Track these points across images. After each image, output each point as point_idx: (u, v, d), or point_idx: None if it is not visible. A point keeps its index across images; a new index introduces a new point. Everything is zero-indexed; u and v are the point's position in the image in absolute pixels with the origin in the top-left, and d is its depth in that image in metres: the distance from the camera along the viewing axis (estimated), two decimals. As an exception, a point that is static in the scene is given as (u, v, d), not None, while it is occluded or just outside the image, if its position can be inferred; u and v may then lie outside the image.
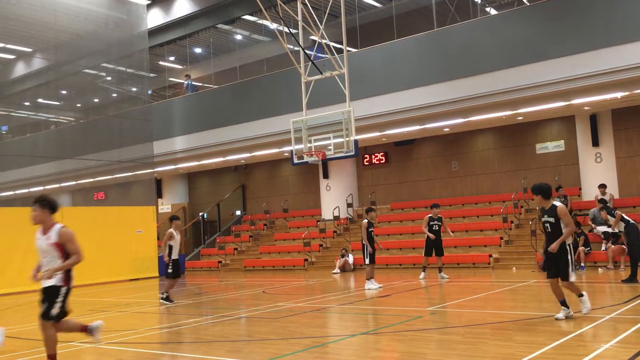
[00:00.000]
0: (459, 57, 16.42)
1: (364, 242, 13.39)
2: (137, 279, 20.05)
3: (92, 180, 26.17)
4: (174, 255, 12.51)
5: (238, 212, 26.93)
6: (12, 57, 27.95)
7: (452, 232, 15.53)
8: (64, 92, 29.99)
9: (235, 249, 23.70)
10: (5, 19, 22.48)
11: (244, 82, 21.60)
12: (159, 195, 28.19)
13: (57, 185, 27.84)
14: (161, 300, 12.59)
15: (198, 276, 21.17)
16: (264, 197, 25.81)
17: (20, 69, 28.20)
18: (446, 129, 19.60)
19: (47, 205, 6.23)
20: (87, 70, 26.85)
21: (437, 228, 14.80)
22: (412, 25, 19.30)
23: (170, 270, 12.55)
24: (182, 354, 7.35)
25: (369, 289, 12.97)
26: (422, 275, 15.02)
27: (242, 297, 13.85)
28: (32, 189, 28.43)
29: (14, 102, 30.42)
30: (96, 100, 30.13)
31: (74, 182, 27.13)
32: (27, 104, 30.94)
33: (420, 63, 17.21)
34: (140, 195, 22.90)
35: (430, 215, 15.00)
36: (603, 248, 15.47)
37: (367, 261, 13.34)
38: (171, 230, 12.62)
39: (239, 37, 25.61)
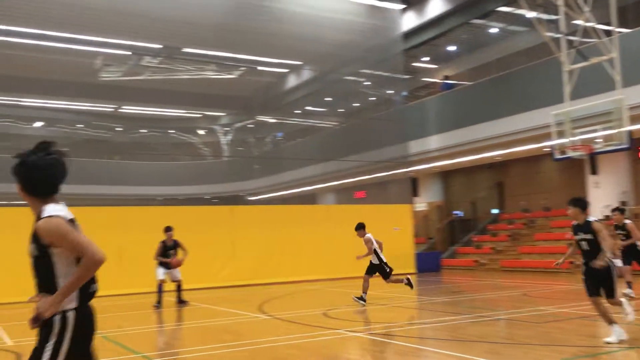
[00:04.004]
0: None
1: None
2: (396, 274, 20.77)
3: (353, 180, 27.91)
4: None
5: (494, 211, 26.15)
6: (285, 70, 31.32)
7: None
8: (329, 99, 32.60)
9: (492, 248, 23.06)
10: (280, 37, 25.27)
11: (499, 76, 20.91)
12: (415, 193, 28.84)
13: (323, 185, 30.40)
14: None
15: (454, 274, 21.13)
16: (522, 195, 24.62)
17: (292, 81, 31.46)
18: None
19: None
20: (348, 77, 28.73)
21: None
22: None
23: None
24: (441, 350, 7.44)
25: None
26: None
27: (500, 299, 13.44)
28: (303, 189, 31.53)
29: (287, 111, 34.11)
30: (356, 104, 32.11)
31: (337, 182, 29.31)
32: (297, 112, 34.41)
33: None
34: (398, 194, 23.72)
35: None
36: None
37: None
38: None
39: (493, 30, 24.88)
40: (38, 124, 35.71)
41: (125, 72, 25.28)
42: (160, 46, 25.95)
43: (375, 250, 12.35)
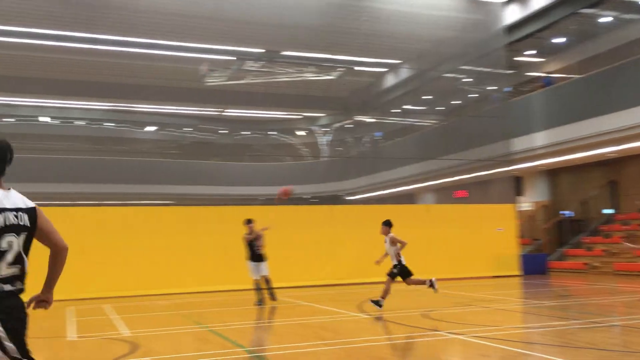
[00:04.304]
0: None
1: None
2: (499, 277, 20.14)
3: (453, 179, 27.32)
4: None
5: (607, 211, 24.60)
6: (384, 69, 31.22)
7: None
8: (427, 97, 32.12)
9: (605, 250, 21.71)
10: (378, 37, 25.24)
11: (612, 67, 19.66)
12: (520, 192, 27.75)
13: (422, 185, 30.01)
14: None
15: (562, 277, 20.12)
16: (638, 194, 22.98)
17: (390, 80, 31.31)
18: None
19: None
20: (447, 75, 28.17)
21: None
22: None
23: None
24: (548, 356, 7.12)
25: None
26: None
27: (614, 304, 12.64)
28: (401, 188, 31.30)
29: (385, 110, 34.00)
30: (456, 102, 31.42)
31: (436, 181, 28.81)
32: (396, 111, 34.22)
33: None
34: (500, 193, 22.97)
35: None
36: None
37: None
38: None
39: (605, 19, 23.44)
40: (150, 128, 37.95)
41: (229, 77, 26.29)
42: (262, 50, 26.76)
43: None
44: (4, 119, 34.80)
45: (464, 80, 28.94)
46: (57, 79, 29.72)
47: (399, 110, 34.06)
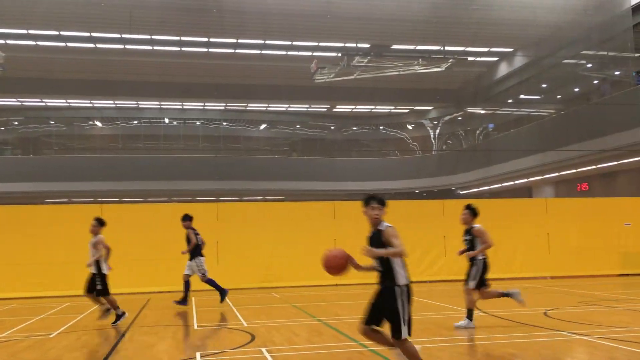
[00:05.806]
0: None
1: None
2: (627, 275, 18.77)
3: (574, 171, 25.83)
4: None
5: None
6: (495, 59, 30.12)
7: None
8: (544, 85, 30.56)
9: None
10: (490, 25, 24.37)
11: None
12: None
13: (540, 178, 28.63)
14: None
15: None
16: None
17: (503, 69, 30.14)
18: None
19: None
20: (567, 61, 26.67)
21: None
22: None
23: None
24: (687, 362, 6.53)
25: None
26: None
27: None
28: (517, 182, 30.05)
29: (498, 101, 32.77)
30: (576, 89, 29.64)
31: (556, 174, 27.35)
32: (509, 101, 32.87)
33: None
34: (627, 186, 21.40)
35: None
36: None
37: None
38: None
39: None
40: (262, 127, 39.19)
41: (337, 74, 26.49)
42: (369, 45, 26.72)
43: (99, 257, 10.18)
44: (131, 122, 37.44)
45: (586, 66, 27.24)
46: (176, 82, 31.53)
47: (512, 101, 32.72)
